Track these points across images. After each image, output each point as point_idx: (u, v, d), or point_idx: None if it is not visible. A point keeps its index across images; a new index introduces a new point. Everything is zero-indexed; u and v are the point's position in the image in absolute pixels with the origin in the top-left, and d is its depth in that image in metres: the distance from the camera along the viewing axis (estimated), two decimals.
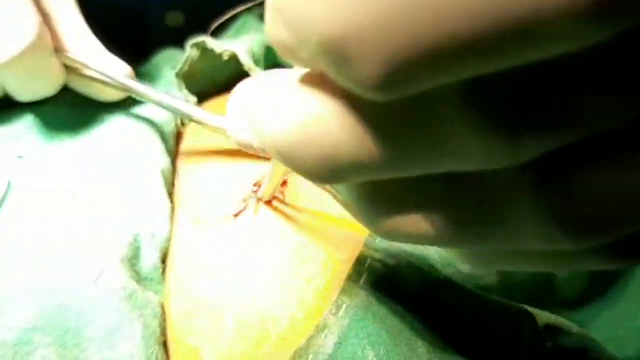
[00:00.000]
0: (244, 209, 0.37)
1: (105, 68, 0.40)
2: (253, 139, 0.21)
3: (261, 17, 0.54)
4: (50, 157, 0.39)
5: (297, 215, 0.36)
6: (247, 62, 0.42)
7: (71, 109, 0.42)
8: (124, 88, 0.40)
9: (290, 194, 0.37)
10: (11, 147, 0.39)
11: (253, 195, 0.37)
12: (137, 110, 0.43)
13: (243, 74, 0.43)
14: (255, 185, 0.37)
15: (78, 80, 0.42)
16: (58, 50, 0.39)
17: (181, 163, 0.42)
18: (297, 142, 0.18)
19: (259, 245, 0.35)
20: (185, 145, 0.44)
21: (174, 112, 0.39)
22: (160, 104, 0.40)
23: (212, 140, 0.42)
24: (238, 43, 0.44)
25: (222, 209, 0.37)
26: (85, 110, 0.42)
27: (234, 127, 0.23)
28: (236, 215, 0.36)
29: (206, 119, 0.38)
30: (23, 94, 0.40)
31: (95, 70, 0.40)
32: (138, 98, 0.41)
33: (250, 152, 0.23)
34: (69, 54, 0.40)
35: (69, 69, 0.41)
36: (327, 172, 0.18)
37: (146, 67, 0.53)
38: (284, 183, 0.37)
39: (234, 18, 0.54)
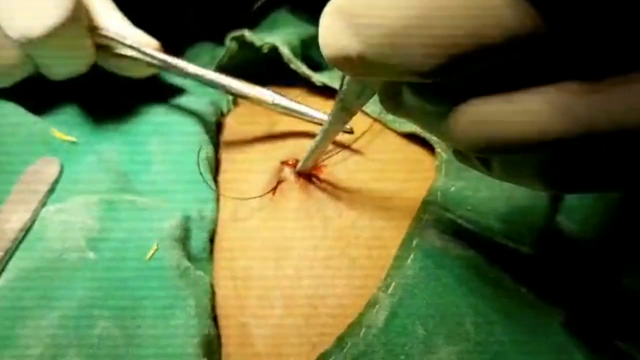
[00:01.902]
0: (277, 184, 0.38)
1: (140, 44, 0.42)
2: (353, 42, 0.20)
3: (292, 12, 0.55)
4: (102, 143, 0.41)
5: (338, 198, 0.37)
6: (286, 54, 0.43)
7: (119, 100, 0.43)
8: (157, 62, 0.42)
9: (326, 181, 0.38)
10: (65, 132, 0.40)
11: (283, 170, 0.39)
12: (181, 103, 0.44)
13: (279, 67, 0.45)
14: (282, 163, 0.39)
15: (110, 59, 0.43)
16: (92, 28, 0.40)
17: (224, 150, 0.43)
18: (417, 26, 0.18)
19: (301, 226, 0.36)
20: (226, 134, 0.45)
21: (213, 85, 0.41)
22: (197, 78, 0.41)
23: (251, 129, 0.43)
24: (275, 36, 0.45)
25: (261, 190, 0.38)
26: (133, 100, 0.44)
27: (330, 36, 0.21)
28: (273, 192, 0.38)
29: (247, 90, 0.40)
30: (54, 71, 0.41)
31: (131, 47, 0.41)
32: (171, 73, 0.42)
33: (341, 66, 0.22)
34: (103, 32, 0.41)
35: (100, 48, 0.42)
36: (442, 58, 0.18)
37: (185, 57, 0.54)
38: (319, 169, 0.38)
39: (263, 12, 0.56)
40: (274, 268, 0.34)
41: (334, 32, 0.21)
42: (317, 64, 0.51)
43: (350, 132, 0.38)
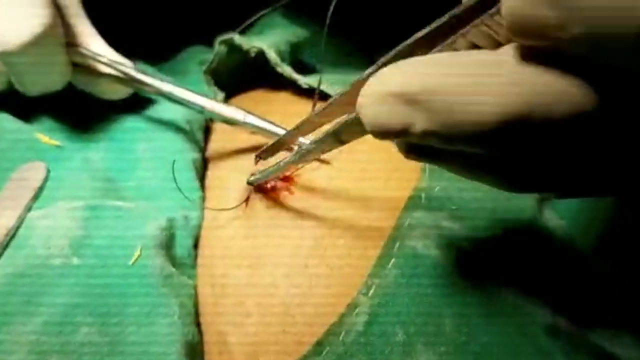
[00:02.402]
0: (247, 198, 0.38)
1: (117, 62, 0.41)
2: (418, 121, 0.22)
3: (284, 15, 0.55)
4: (87, 147, 0.41)
5: (316, 205, 0.37)
6: (273, 58, 0.43)
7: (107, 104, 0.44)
8: (135, 82, 0.42)
9: (302, 190, 0.38)
10: (51, 136, 0.40)
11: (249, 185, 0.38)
12: (169, 107, 0.44)
13: (269, 71, 0.45)
14: (250, 175, 0.38)
15: (84, 78, 0.42)
16: (69, 44, 0.40)
17: (210, 155, 0.44)
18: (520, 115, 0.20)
19: (277, 234, 0.36)
20: (214, 138, 0.45)
21: (186, 104, 0.41)
22: (171, 97, 0.41)
23: (236, 134, 0.43)
24: (264, 40, 0.45)
25: (239, 199, 0.38)
26: (119, 104, 0.44)
27: (387, 117, 0.23)
28: (246, 203, 0.38)
29: (219, 110, 0.40)
30: (28, 86, 0.40)
31: (107, 64, 0.41)
32: (146, 93, 0.42)
33: (389, 138, 0.24)
34: (79, 48, 0.41)
35: (75, 67, 0.41)
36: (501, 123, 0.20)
37: (172, 63, 0.54)
38: (291, 180, 0.38)
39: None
40: (249, 276, 0.35)
41: (393, 114, 0.23)
42: (306, 66, 0.51)
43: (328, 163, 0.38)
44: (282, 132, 0.38)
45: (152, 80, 0.41)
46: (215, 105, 0.40)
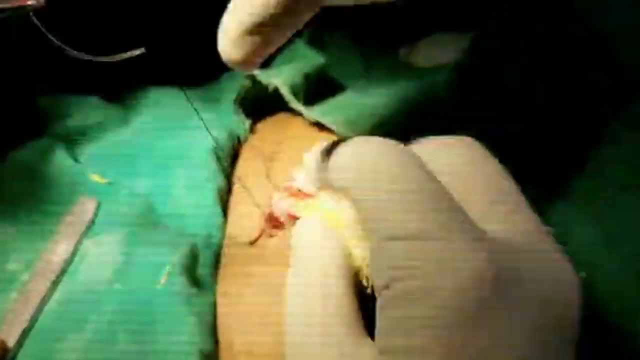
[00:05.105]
0: (258, 237, 0.44)
1: None
2: None
3: (308, 41, 0.60)
4: (132, 178, 0.50)
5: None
6: (287, 95, 0.49)
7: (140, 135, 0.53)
8: None
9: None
10: (102, 171, 0.49)
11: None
12: (196, 132, 0.50)
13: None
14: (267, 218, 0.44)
15: None
16: None
17: (236, 180, 0.50)
18: None
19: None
20: (241, 164, 0.52)
21: None
22: None
23: (260, 164, 0.50)
24: (281, 76, 0.51)
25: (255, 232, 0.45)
26: (153, 132, 0.53)
27: None
28: (252, 243, 0.44)
29: None
30: None
31: None
32: None
33: None
34: None
35: None
36: None
37: (209, 89, 0.61)
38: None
39: None
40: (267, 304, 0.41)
41: None
42: (334, 84, 0.57)
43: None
44: None
45: None
46: None
